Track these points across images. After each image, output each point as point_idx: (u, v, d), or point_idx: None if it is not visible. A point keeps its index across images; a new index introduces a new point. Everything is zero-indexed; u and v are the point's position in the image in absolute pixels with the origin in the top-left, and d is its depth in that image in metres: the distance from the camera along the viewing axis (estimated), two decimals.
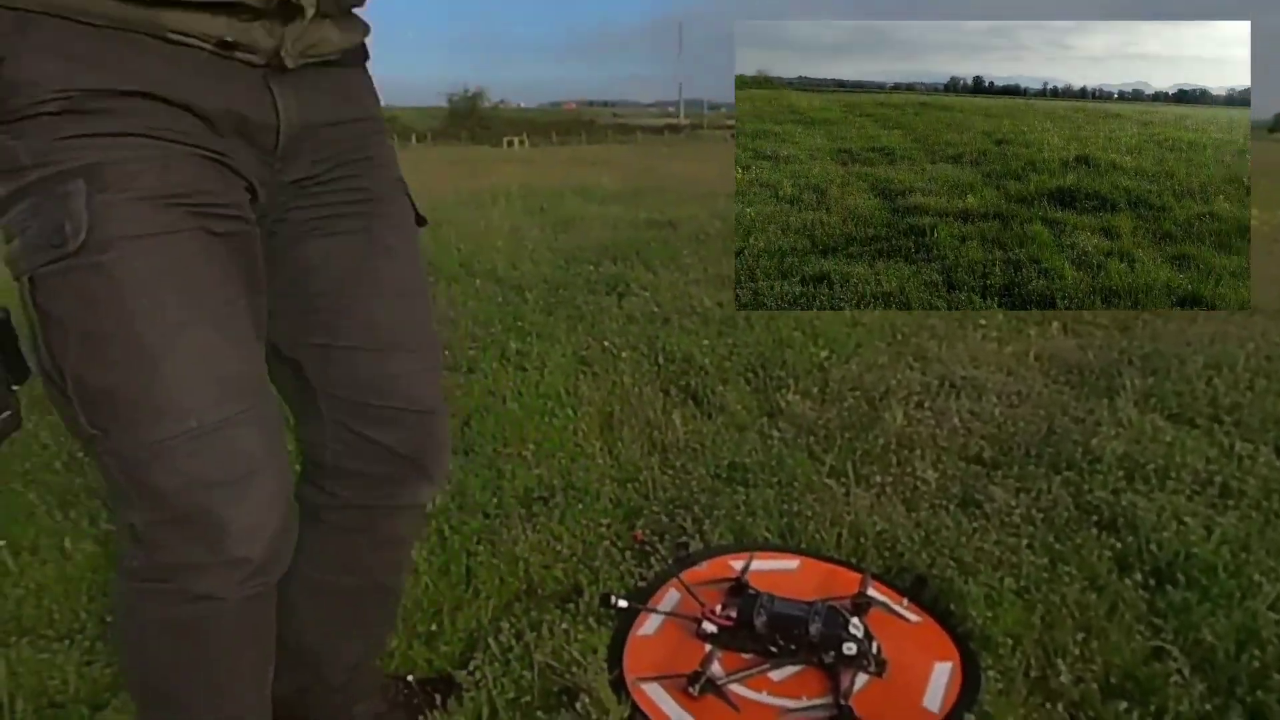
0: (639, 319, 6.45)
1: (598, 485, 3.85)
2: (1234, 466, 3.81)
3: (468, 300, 7.24)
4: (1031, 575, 3.05)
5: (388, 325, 1.92)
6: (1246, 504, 3.48)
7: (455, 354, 5.67)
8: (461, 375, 5.31)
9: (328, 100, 1.71)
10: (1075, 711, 2.48)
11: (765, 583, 3.08)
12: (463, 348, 5.77)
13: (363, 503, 2.04)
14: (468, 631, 2.94)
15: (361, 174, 1.84)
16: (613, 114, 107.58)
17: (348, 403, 1.92)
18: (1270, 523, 3.34)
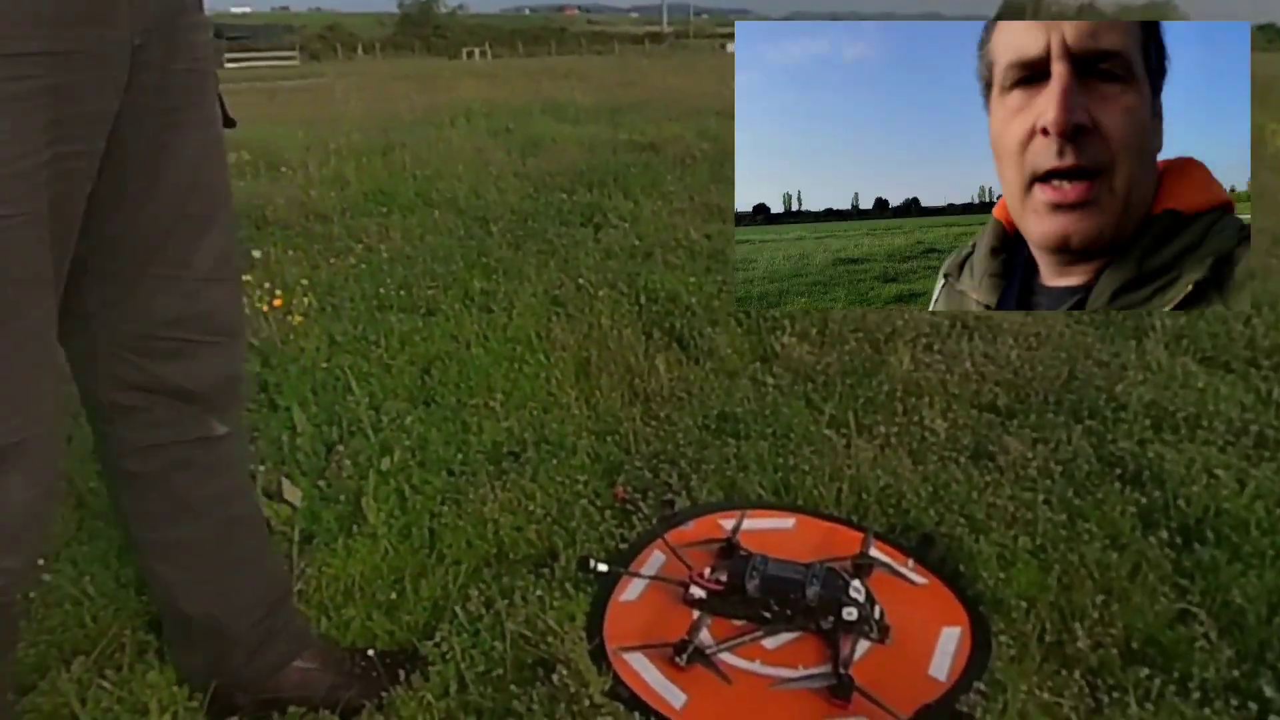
0: (618, 253, 6.41)
1: (574, 438, 3.87)
2: (1271, 414, 3.87)
3: (425, 234, 7.17)
4: (1048, 533, 3.11)
5: (167, 245, 1.91)
6: None
7: (413, 294, 5.64)
8: (420, 318, 5.28)
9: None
10: (1093, 678, 2.55)
11: (758, 543, 3.11)
12: (421, 287, 5.74)
13: (156, 441, 2.09)
14: (432, 600, 2.96)
15: (162, 71, 1.78)
16: (587, 20, 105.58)
17: (128, 335, 1.95)
18: None
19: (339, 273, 6.16)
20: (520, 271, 6.04)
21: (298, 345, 4.83)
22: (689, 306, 5.27)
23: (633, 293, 5.53)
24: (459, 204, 8.12)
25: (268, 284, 5.30)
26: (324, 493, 3.48)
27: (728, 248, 6.35)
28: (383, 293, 5.65)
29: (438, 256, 6.45)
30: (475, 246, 6.68)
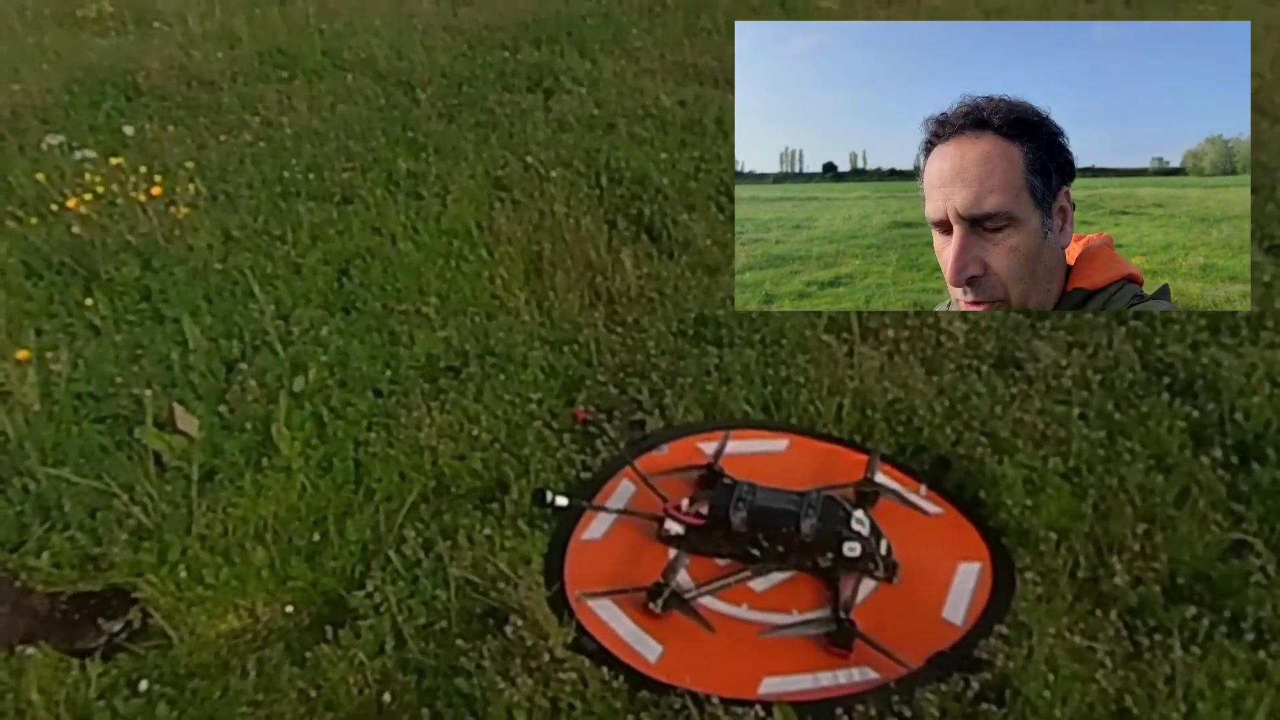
0: (573, 124, 6.31)
1: (524, 349, 3.88)
2: None
3: (337, 104, 7.00)
4: (1084, 453, 3.17)
5: None
6: None
7: (325, 179, 5.54)
8: (334, 207, 5.21)
9: None
10: (1132, 619, 2.64)
11: (745, 469, 3.14)
12: (334, 170, 5.63)
13: None
14: (361, 543, 2.99)
15: None
16: None
17: None
18: None
19: (232, 153, 6.02)
20: (455, 148, 5.93)
21: (185, 243, 4.75)
22: (660, 189, 5.22)
23: (592, 173, 5.46)
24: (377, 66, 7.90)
25: (143, 168, 5.18)
26: (226, 420, 3.47)
27: (705, 116, 6.26)
28: (287, 177, 5.54)
29: (353, 132, 6.30)
30: (399, 118, 6.54)
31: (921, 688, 2.46)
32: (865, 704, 2.43)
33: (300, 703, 2.57)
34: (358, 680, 2.57)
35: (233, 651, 2.79)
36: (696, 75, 7.43)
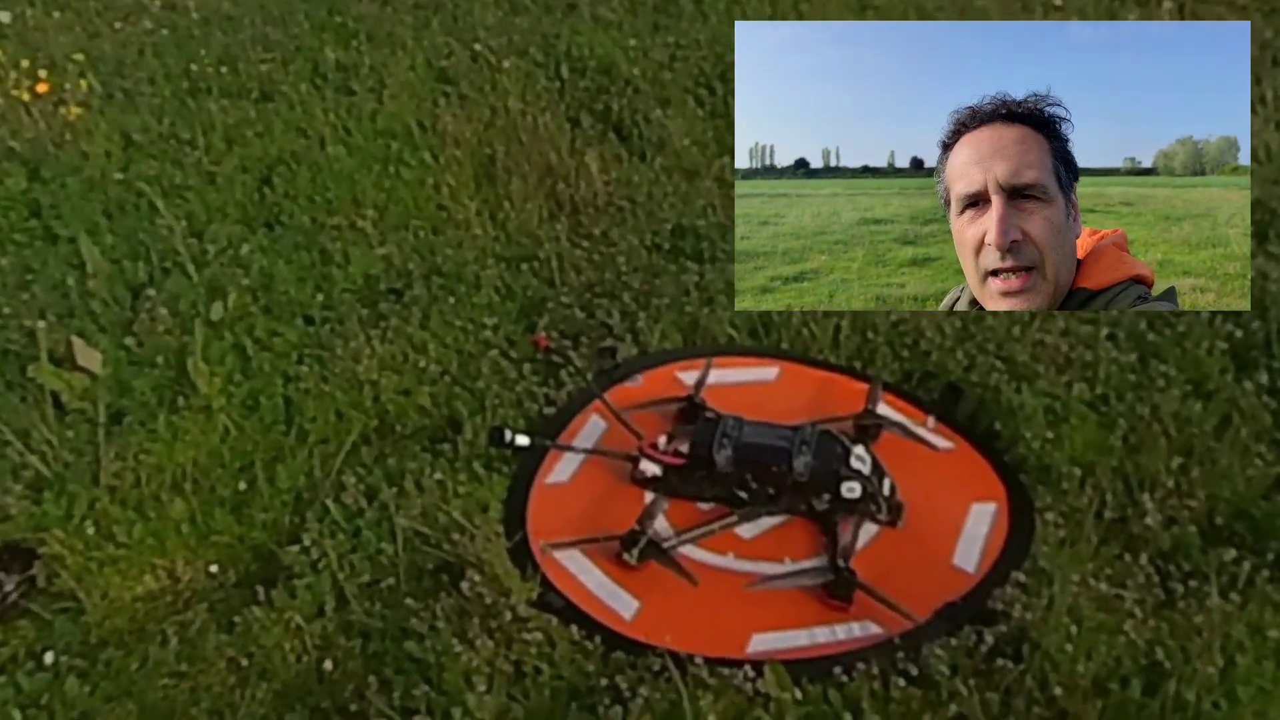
0: (528, 6, 6.22)
1: (476, 268, 3.87)
2: None
3: None
4: (1111, 379, 3.21)
5: None
6: None
7: (240, 72, 5.45)
8: (252, 105, 5.14)
9: None
10: (1164, 563, 2.70)
11: (730, 401, 3.16)
12: (250, 61, 5.54)
13: None
14: (294, 491, 3.00)
15: None
16: None
17: None
18: None
19: (129, 43, 5.91)
20: (391, 35, 5.84)
21: (78, 149, 4.69)
22: (629, 81, 5.18)
23: (550, 63, 5.40)
24: None
25: (25, 61, 5.10)
26: (134, 355, 3.46)
27: None
28: (195, 70, 5.45)
29: (271, 16, 6.20)
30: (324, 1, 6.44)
31: (930, 643, 2.51)
32: (867, 662, 2.47)
33: (230, 672, 2.60)
34: (295, 646, 2.60)
35: (150, 616, 2.80)
36: None
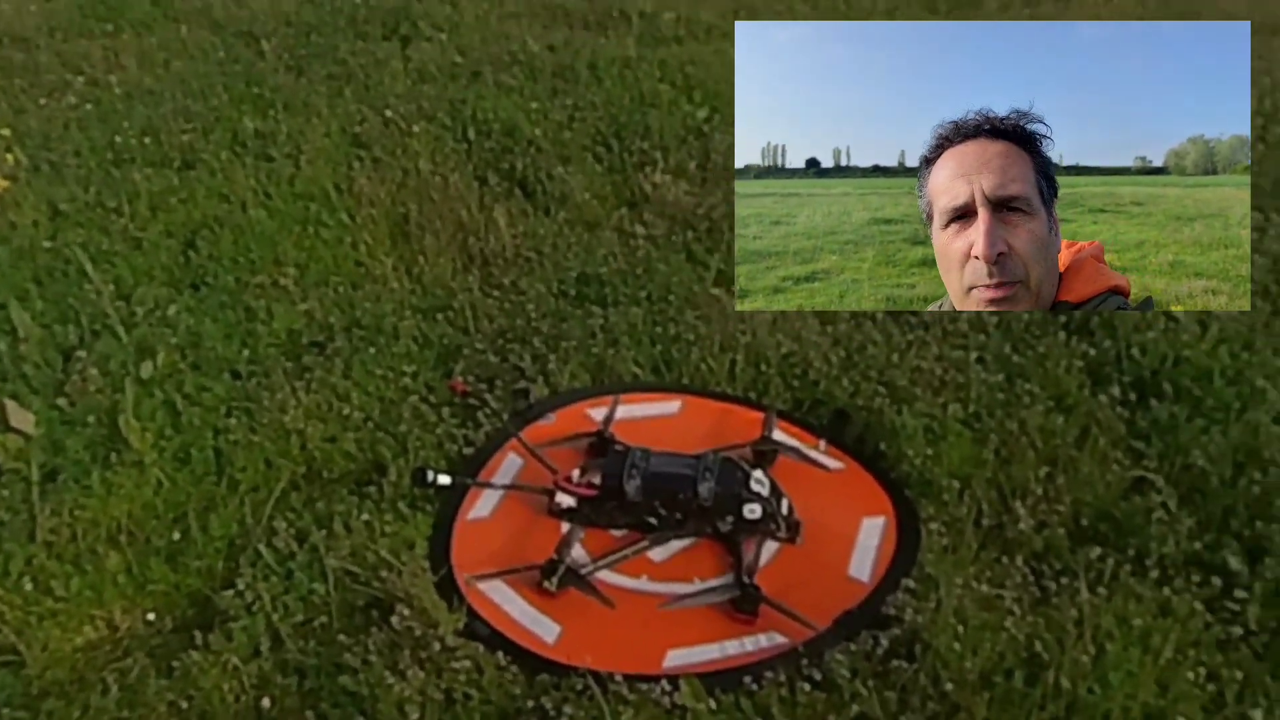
0: (435, 75, 6.22)
1: (394, 320, 3.83)
2: None
3: (170, 59, 6.77)
4: (983, 398, 3.28)
5: None
6: (1253, 289, 3.77)
7: (162, 142, 5.36)
8: (175, 174, 5.05)
9: None
10: (1038, 564, 2.75)
11: (637, 434, 3.17)
12: (172, 132, 5.45)
13: None
14: (227, 539, 2.94)
15: None
16: None
17: None
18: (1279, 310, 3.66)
19: (54, 118, 5.78)
20: (306, 104, 5.80)
21: (7, 219, 4.57)
22: (532, 141, 5.20)
23: (457, 126, 5.40)
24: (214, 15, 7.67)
25: None
26: (66, 414, 3.36)
27: (577, 61, 6.23)
28: (119, 142, 5.35)
29: (191, 90, 6.11)
30: (242, 73, 6.36)
31: (831, 649, 2.53)
32: (774, 670, 2.49)
33: (171, 716, 2.52)
34: (233, 687, 2.53)
35: (91, 666, 2.71)
36: (565, 17, 7.39)
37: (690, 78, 5.96)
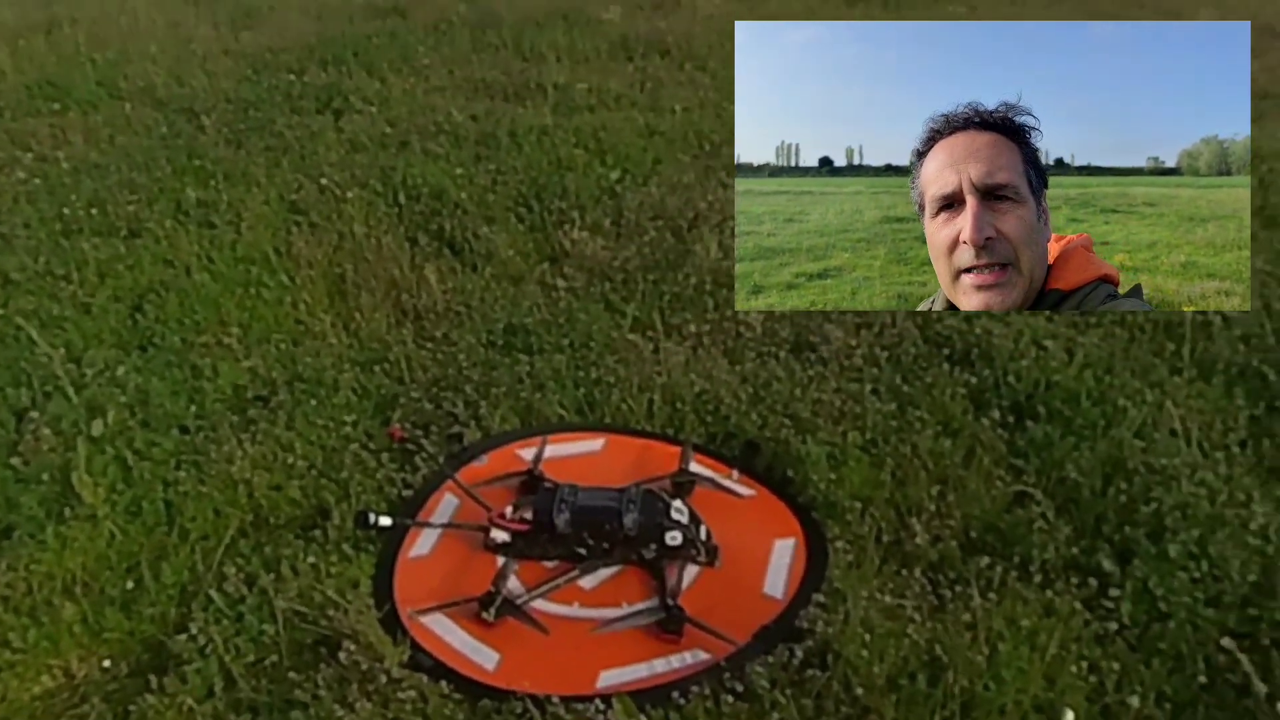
0: (366, 144, 6.19)
1: (334, 373, 3.78)
2: None
3: (115, 135, 6.65)
4: (878, 425, 3.32)
5: None
6: (1110, 320, 3.90)
7: (108, 213, 5.24)
8: (121, 242, 4.93)
9: None
10: (934, 574, 2.79)
11: (565, 471, 3.16)
12: (118, 203, 5.34)
13: None
14: (179, 585, 2.86)
15: None
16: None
17: None
18: (1135, 339, 3.78)
19: (4, 191, 5.63)
20: (245, 174, 5.72)
21: None
22: (459, 204, 5.18)
23: (389, 191, 5.37)
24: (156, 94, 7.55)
25: None
26: (20, 473, 3.25)
27: (498, 129, 6.24)
28: (68, 213, 5.22)
29: (135, 163, 6.00)
30: (184, 146, 6.26)
31: (751, 662, 2.53)
32: (700, 684, 2.48)
33: None
34: None
35: (49, 713, 2.61)
36: (486, 90, 7.41)
37: (602, 142, 6.01)
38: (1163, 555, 2.74)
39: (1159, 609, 2.62)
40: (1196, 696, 2.44)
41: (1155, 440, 3.17)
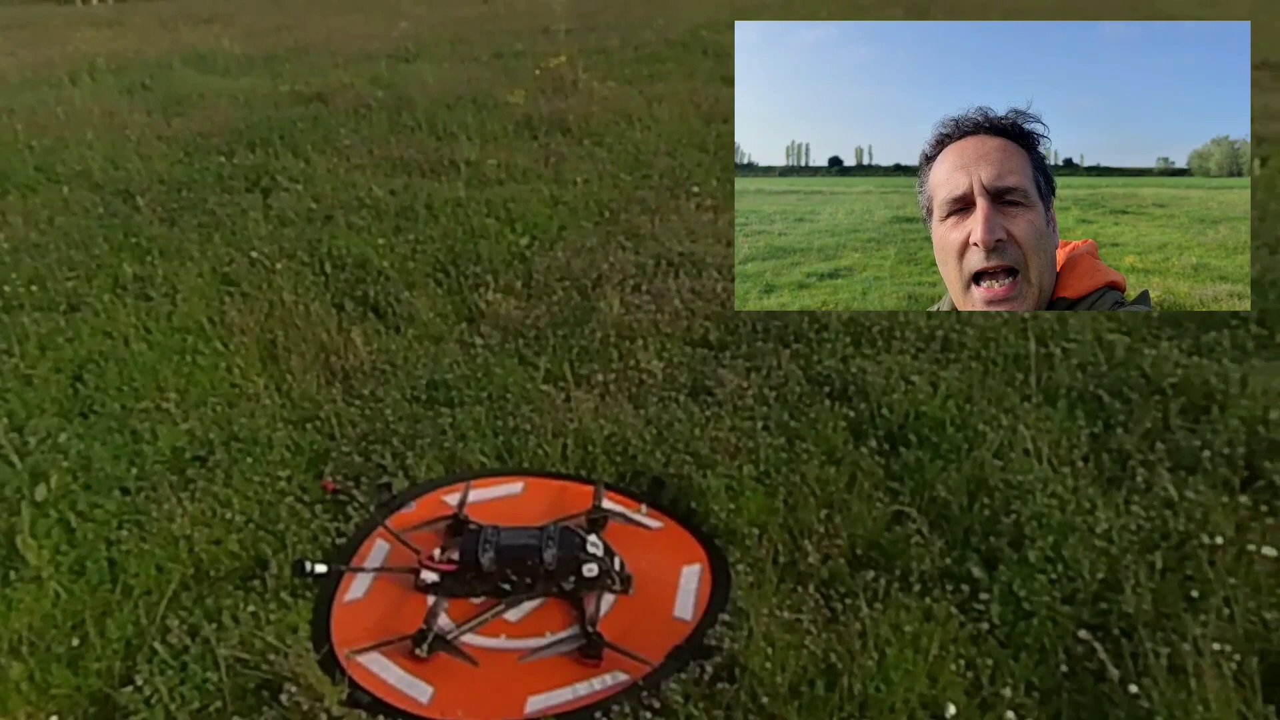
0: (293, 220, 6.08)
1: (268, 432, 3.67)
2: (952, 320, 4.36)
3: (54, 216, 6.42)
4: (770, 458, 3.34)
5: None
6: (967, 355, 4.01)
7: (48, 289, 5.04)
8: (60, 316, 4.74)
9: None
10: (826, 589, 2.80)
11: (488, 514, 3.12)
12: (57, 279, 5.14)
13: None
14: (124, 640, 2.72)
15: None
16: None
17: None
18: (989, 371, 3.89)
19: None
20: (180, 250, 5.56)
21: None
22: (381, 271, 5.12)
23: (315, 262, 5.27)
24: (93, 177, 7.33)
25: None
26: None
27: (416, 202, 6.20)
28: (9, 291, 5.01)
29: (74, 241, 5.79)
30: (120, 225, 6.07)
31: (666, 680, 2.51)
32: (620, 704, 2.45)
33: None
34: None
35: None
36: (404, 167, 7.38)
37: (512, 212, 6.02)
38: (1024, 560, 2.81)
39: (1023, 608, 2.67)
40: (1060, 684, 2.49)
41: (1011, 459, 3.25)
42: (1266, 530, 2.88)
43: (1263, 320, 4.15)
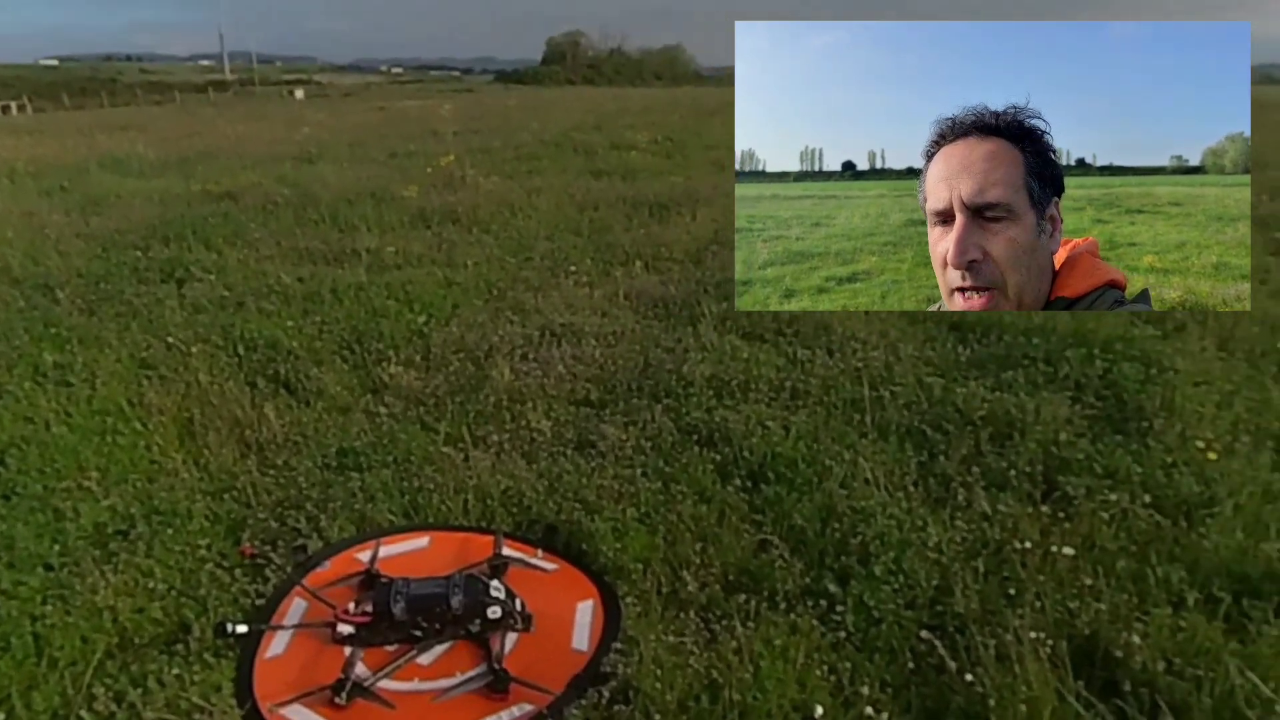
0: (207, 307, 5.83)
1: (187, 504, 3.46)
2: (799, 371, 4.49)
3: None
4: (649, 500, 3.33)
5: None
6: (812, 401, 4.12)
7: None
8: None
9: None
10: (705, 614, 2.79)
11: (398, 567, 3.01)
12: None
13: None
14: (50, 711, 2.49)
15: None
16: (140, 69, 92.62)
17: None
18: (831, 414, 3.99)
19: None
20: (98, 338, 5.25)
21: None
22: (291, 350, 4.94)
23: (229, 344, 5.05)
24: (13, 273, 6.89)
25: None
26: None
27: (322, 288, 6.03)
28: None
29: None
30: (40, 317, 5.70)
31: (568, 707, 2.45)
32: None
33: None
34: None
35: None
36: (309, 256, 7.21)
37: (410, 294, 5.94)
38: (871, 575, 2.86)
39: (873, 616, 2.72)
40: (909, 679, 2.54)
41: (855, 488, 3.33)
42: (1065, 534, 3.03)
43: (1049, 359, 4.42)
